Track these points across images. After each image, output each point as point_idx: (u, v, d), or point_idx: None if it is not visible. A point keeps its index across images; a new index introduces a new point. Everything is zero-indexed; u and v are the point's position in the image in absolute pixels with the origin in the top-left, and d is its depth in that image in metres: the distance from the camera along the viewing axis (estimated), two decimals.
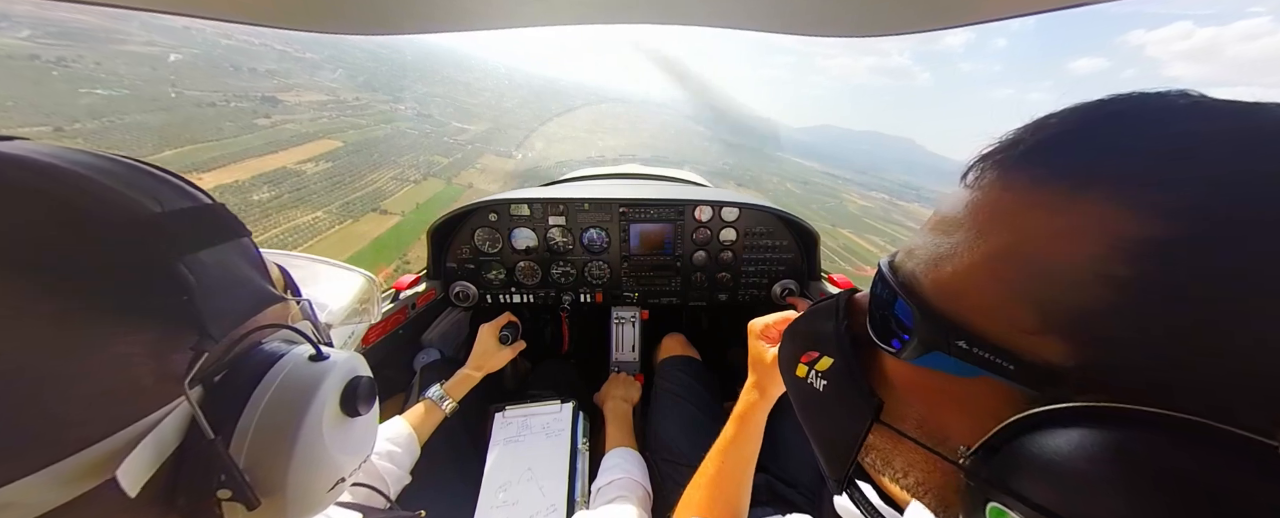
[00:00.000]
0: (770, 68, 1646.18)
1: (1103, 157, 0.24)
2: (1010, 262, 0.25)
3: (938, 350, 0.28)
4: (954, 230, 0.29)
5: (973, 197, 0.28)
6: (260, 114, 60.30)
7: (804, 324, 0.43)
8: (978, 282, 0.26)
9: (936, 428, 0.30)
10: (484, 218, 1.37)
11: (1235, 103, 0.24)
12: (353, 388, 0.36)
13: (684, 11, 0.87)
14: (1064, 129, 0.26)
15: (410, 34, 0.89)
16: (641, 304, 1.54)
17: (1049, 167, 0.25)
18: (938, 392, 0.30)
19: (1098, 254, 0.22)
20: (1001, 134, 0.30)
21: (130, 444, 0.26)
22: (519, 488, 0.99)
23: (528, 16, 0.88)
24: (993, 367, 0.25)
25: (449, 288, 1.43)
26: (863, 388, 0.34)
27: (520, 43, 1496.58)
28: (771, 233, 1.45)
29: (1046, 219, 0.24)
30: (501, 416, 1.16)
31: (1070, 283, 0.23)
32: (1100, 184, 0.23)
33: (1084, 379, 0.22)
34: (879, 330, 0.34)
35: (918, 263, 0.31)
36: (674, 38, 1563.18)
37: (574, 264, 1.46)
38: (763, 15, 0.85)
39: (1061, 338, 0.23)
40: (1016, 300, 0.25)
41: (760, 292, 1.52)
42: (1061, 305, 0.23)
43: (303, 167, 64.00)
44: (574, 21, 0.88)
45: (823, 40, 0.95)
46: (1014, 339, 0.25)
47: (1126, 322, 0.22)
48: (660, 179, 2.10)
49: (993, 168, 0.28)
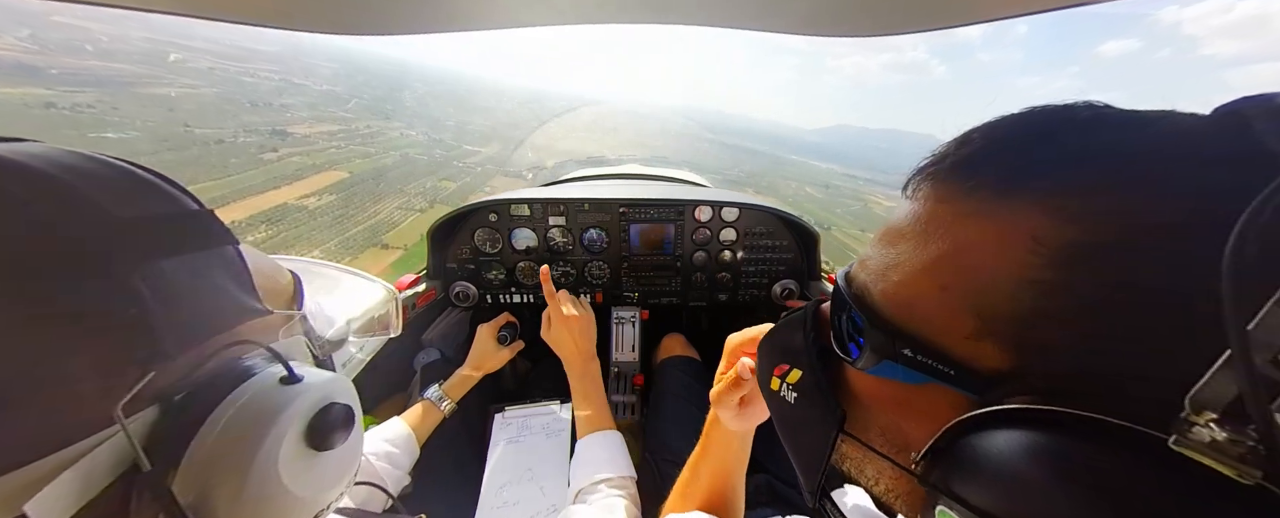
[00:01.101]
0: (778, 69, 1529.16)
1: (1023, 165, 0.25)
2: (948, 269, 0.26)
3: (888, 359, 0.29)
4: (899, 241, 0.30)
5: (913, 208, 0.29)
6: (268, 148, 59.17)
7: (777, 337, 0.44)
8: (921, 290, 0.27)
9: (897, 435, 0.31)
10: (484, 218, 1.37)
11: (1135, 113, 0.25)
12: (323, 417, 0.32)
13: (684, 11, 0.87)
14: (988, 141, 0.28)
15: (410, 34, 0.89)
16: (641, 304, 1.53)
17: (976, 177, 0.27)
18: (894, 400, 0.30)
19: (1022, 260, 0.23)
20: (934, 149, 0.31)
21: (55, 473, 0.23)
22: (519, 488, 0.99)
23: (528, 16, 0.87)
24: (937, 373, 0.26)
25: (449, 288, 1.43)
26: (828, 400, 0.35)
27: (531, 59, 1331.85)
28: (772, 233, 1.45)
29: (977, 227, 0.26)
30: (501, 416, 1.16)
31: (1001, 289, 0.24)
32: (1020, 190, 0.25)
33: (1019, 382, 0.23)
34: (838, 341, 0.35)
35: (869, 274, 0.32)
36: (680, 44, 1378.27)
37: (574, 264, 1.46)
38: (763, 15, 0.85)
39: (996, 342, 0.24)
40: (957, 307, 0.26)
41: (760, 292, 1.52)
42: (995, 311, 0.24)
43: (305, 201, 63.29)
44: (574, 21, 0.88)
45: (830, 39, 0.94)
46: (956, 345, 0.26)
47: (1050, 324, 0.22)
48: (660, 179, 2.10)
49: (927, 180, 0.29)
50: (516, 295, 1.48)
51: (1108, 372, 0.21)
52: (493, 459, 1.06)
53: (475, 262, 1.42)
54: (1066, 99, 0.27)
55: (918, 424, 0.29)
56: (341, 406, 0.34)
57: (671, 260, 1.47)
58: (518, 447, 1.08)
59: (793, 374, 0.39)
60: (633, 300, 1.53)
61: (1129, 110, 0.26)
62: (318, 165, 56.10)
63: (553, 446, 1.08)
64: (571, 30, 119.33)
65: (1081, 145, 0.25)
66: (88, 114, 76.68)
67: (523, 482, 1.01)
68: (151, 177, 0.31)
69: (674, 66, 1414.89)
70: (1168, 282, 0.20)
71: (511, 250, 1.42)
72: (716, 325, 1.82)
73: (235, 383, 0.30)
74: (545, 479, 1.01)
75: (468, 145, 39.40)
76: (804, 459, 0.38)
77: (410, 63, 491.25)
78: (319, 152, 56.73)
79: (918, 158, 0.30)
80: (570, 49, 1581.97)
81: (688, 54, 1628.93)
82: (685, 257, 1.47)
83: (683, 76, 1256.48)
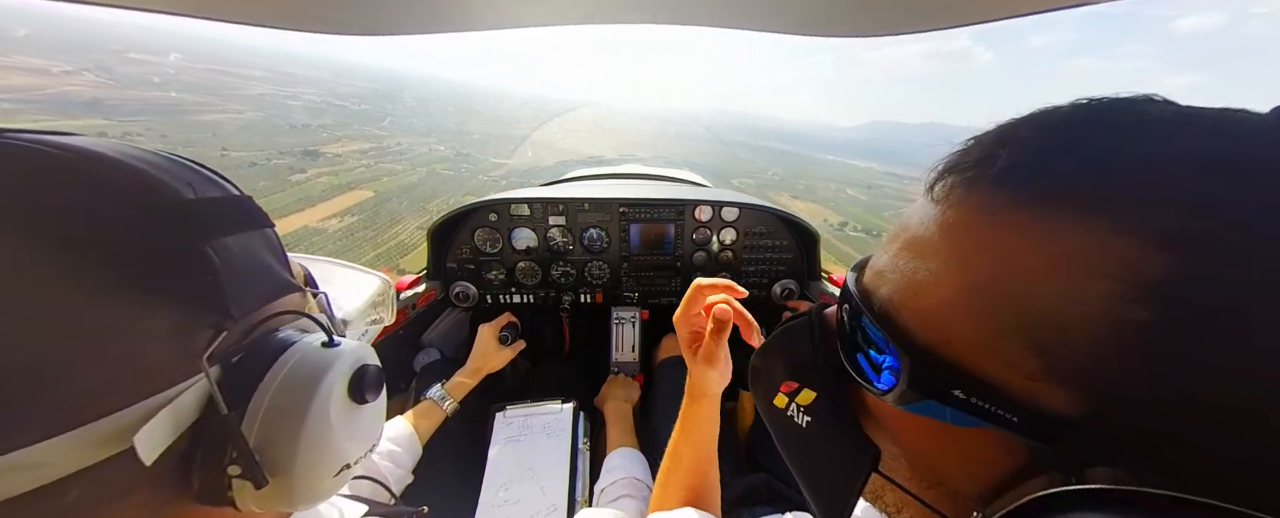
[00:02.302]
0: (807, 67, 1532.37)
1: (1100, 178, 0.21)
2: (999, 296, 0.23)
3: (931, 399, 0.25)
4: (929, 254, 0.26)
5: (945, 216, 0.26)
6: (297, 169, 58.71)
7: (779, 345, 0.39)
8: (966, 317, 0.24)
9: (929, 470, 0.28)
10: (484, 218, 1.37)
11: (1206, 114, 0.22)
12: (361, 375, 0.37)
13: (684, 12, 0.87)
14: (1043, 142, 0.24)
15: (411, 34, 0.89)
16: (641, 304, 1.54)
17: (1030, 186, 0.23)
18: (931, 437, 0.27)
19: (1104, 292, 0.20)
20: (961, 143, 0.27)
21: (151, 415, 0.27)
22: (520, 488, 0.99)
23: (528, 16, 0.87)
24: (995, 418, 0.22)
25: (449, 288, 1.43)
26: (857, 437, 0.31)
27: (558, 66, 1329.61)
28: (771, 233, 1.45)
29: (1035, 247, 0.22)
30: (502, 415, 1.16)
31: (1072, 325, 0.20)
32: (1102, 210, 0.21)
33: (1095, 434, 0.20)
34: (853, 361, 0.30)
35: (892, 289, 0.28)
36: (702, 47, 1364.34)
37: (574, 264, 1.46)
38: (763, 15, 0.85)
39: (1066, 386, 0.21)
40: (1012, 340, 0.22)
41: (760, 292, 1.52)
42: (1063, 349, 0.20)
43: (327, 223, 62.18)
44: (575, 22, 0.88)
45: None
46: (1014, 385, 0.22)
47: (1143, 376, 0.19)
48: (660, 179, 2.10)
49: (962, 184, 0.25)
50: (517, 295, 1.48)
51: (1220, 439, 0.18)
52: (493, 458, 1.06)
53: (475, 262, 1.42)
54: (1129, 89, 0.23)
55: (957, 463, 0.26)
56: (375, 366, 0.39)
57: (671, 260, 1.47)
58: (518, 446, 1.09)
59: (804, 395, 0.34)
60: (633, 300, 1.53)
61: (1194, 109, 0.22)
62: (344, 185, 55.42)
63: (553, 445, 1.08)
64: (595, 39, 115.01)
65: (1150, 148, 0.21)
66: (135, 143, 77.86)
67: (523, 481, 1.01)
68: (199, 167, 0.35)
69: (699, 70, 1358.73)
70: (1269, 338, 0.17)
71: (511, 250, 1.42)
72: None
73: (284, 347, 0.34)
74: (545, 479, 1.01)
75: (494, 159, 38.93)
76: (821, 494, 0.35)
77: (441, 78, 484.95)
78: (347, 171, 56.04)
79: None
80: (594, 58, 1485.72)
81: (713, 57, 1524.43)
82: (685, 256, 1.47)
83: (709, 80, 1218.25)
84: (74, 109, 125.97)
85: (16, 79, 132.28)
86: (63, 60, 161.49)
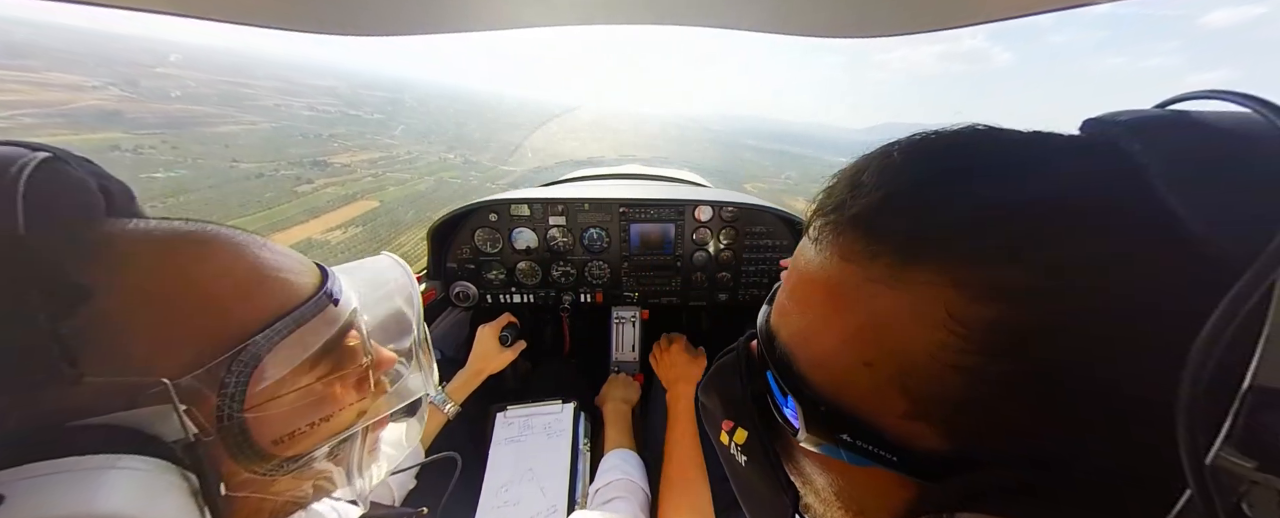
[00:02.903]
0: (820, 69, 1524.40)
1: (919, 226, 0.23)
2: (870, 344, 0.24)
3: (827, 442, 0.26)
4: (813, 300, 0.27)
5: (820, 260, 0.27)
6: (303, 180, 58.12)
7: (715, 382, 0.40)
8: (846, 364, 0.25)
9: (852, 501, 0.29)
10: (484, 218, 1.37)
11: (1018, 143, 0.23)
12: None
13: (684, 13, 0.87)
14: (881, 191, 0.24)
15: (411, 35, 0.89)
16: (642, 304, 1.54)
17: (874, 236, 0.24)
18: (843, 472, 0.28)
19: (942, 341, 0.21)
20: (828, 181, 0.28)
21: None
22: (520, 488, 0.99)
23: (528, 17, 0.87)
24: (878, 458, 0.24)
25: (449, 288, 1.43)
26: (779, 477, 0.32)
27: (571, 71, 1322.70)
28: (772, 233, 1.45)
29: (887, 296, 0.23)
30: (503, 415, 1.16)
31: (926, 370, 0.22)
32: (922, 260, 0.22)
33: (965, 470, 0.21)
34: (774, 404, 0.31)
35: (790, 333, 0.29)
36: (710, 50, 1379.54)
37: (574, 264, 1.46)
38: (764, 17, 0.85)
39: (930, 425, 0.22)
40: (886, 385, 0.23)
41: (760, 292, 1.52)
42: (924, 392, 0.22)
43: (329, 235, 61.32)
44: (575, 22, 0.88)
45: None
46: (892, 427, 0.23)
47: (984, 413, 0.21)
48: (660, 179, 2.10)
49: (828, 230, 0.26)
50: (517, 295, 1.48)
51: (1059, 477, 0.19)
52: (493, 459, 1.06)
53: (475, 262, 1.42)
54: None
55: (871, 496, 0.27)
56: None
57: (671, 260, 1.47)
58: (519, 446, 1.09)
59: (739, 433, 0.35)
60: (633, 300, 1.53)
61: (1012, 138, 0.24)
62: (351, 195, 54.74)
63: (554, 445, 1.08)
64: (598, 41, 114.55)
65: (973, 198, 0.22)
66: (146, 155, 76.69)
67: (523, 481, 1.01)
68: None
69: (702, 72, 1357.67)
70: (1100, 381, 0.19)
71: (512, 250, 1.42)
72: (717, 325, 1.82)
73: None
74: (546, 479, 1.01)
75: (503, 166, 38.42)
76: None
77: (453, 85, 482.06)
78: (355, 181, 55.25)
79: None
80: (596, 60, 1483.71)
81: (715, 57, 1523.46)
82: (685, 256, 1.47)
83: (713, 82, 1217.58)
84: (93, 123, 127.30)
85: (47, 95, 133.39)
86: (93, 76, 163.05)
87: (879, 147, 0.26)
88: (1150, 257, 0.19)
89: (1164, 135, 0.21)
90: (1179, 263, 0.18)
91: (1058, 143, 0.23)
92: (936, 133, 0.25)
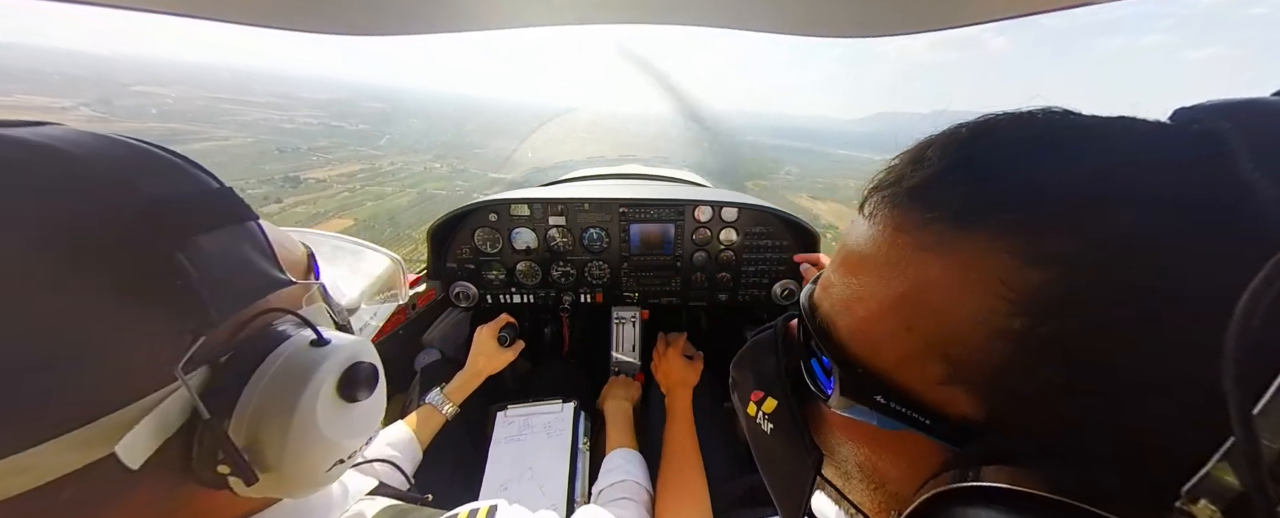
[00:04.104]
0: (819, 62, 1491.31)
1: (979, 195, 0.23)
2: (913, 309, 0.24)
3: (860, 404, 0.27)
4: (860, 270, 0.28)
5: (872, 233, 0.27)
6: (272, 199, 57.35)
7: (750, 358, 0.41)
8: (888, 330, 0.25)
9: (875, 473, 0.29)
10: (484, 218, 1.37)
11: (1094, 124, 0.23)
12: (351, 374, 0.37)
13: (682, 12, 0.87)
14: (943, 163, 0.25)
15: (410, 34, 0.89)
16: (642, 304, 1.54)
17: (930, 204, 0.24)
18: (871, 441, 0.29)
19: (989, 305, 0.21)
20: (890, 162, 0.28)
21: (135, 419, 0.27)
22: (519, 488, 0.99)
23: (528, 16, 0.88)
24: (911, 421, 0.24)
25: (449, 288, 1.44)
26: (804, 439, 0.33)
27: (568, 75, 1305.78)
28: (772, 233, 1.45)
29: (937, 264, 0.23)
30: (503, 415, 1.16)
31: (968, 336, 0.22)
32: (978, 226, 0.22)
33: (998, 436, 0.22)
34: (809, 371, 0.32)
35: (833, 303, 0.29)
36: (703, 47, 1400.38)
37: (574, 264, 1.46)
38: (763, 16, 0.85)
39: (967, 391, 0.22)
40: (924, 351, 0.24)
41: (761, 292, 1.52)
42: (964, 357, 0.22)
43: None
44: (574, 22, 0.88)
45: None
46: (928, 392, 0.24)
47: (1024, 378, 0.20)
48: (660, 179, 2.10)
49: (884, 203, 0.27)
50: (517, 295, 1.48)
51: (1092, 441, 0.19)
52: (493, 458, 1.06)
53: (475, 262, 1.42)
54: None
55: (896, 466, 0.27)
56: (367, 364, 0.39)
57: (671, 260, 1.47)
58: (518, 446, 1.09)
59: (768, 403, 0.36)
60: (633, 300, 1.53)
61: (1087, 120, 0.24)
62: (323, 214, 53.45)
63: (553, 445, 1.08)
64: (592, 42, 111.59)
65: (1037, 170, 0.22)
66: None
67: (523, 481, 1.01)
68: (173, 157, 0.34)
69: (696, 70, 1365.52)
70: (1151, 345, 0.18)
71: (511, 250, 1.42)
72: (716, 325, 1.82)
73: (272, 346, 0.34)
74: (545, 479, 1.01)
75: (492, 174, 37.56)
76: (782, 497, 0.37)
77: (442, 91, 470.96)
78: (330, 197, 53.88)
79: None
80: (590, 61, 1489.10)
81: (707, 52, 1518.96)
82: (685, 257, 1.47)
83: (706, 80, 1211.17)
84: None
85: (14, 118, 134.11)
86: (64, 97, 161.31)
87: (948, 127, 0.26)
88: (1217, 233, 0.18)
89: (1259, 117, 0.20)
90: (1246, 244, 0.17)
91: (1140, 125, 0.23)
92: (1008, 113, 0.25)
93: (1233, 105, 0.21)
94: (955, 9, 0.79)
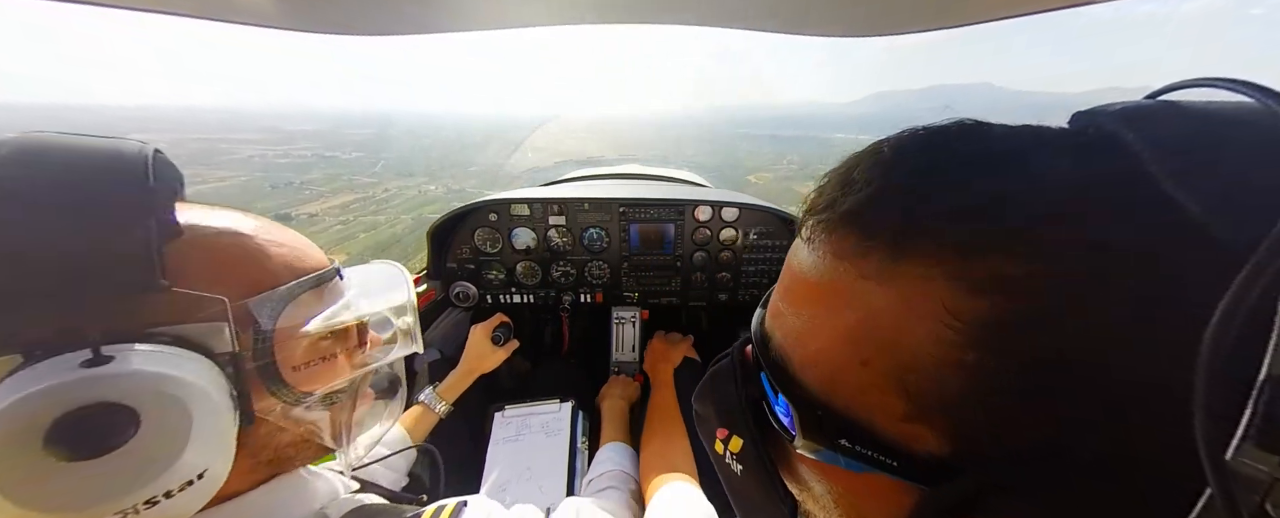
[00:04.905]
0: (807, 49, 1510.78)
1: (911, 219, 0.22)
2: (866, 342, 0.23)
3: (826, 448, 0.25)
4: (808, 300, 0.26)
5: (814, 260, 0.26)
6: None
7: (709, 389, 0.38)
8: (842, 365, 0.24)
9: (855, 510, 0.28)
10: (484, 218, 1.38)
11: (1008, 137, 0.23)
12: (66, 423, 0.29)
13: (681, 11, 0.87)
14: (872, 185, 0.24)
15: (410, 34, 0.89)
16: (641, 304, 1.54)
17: (867, 231, 0.23)
18: (843, 481, 0.27)
19: (939, 336, 0.20)
20: (816, 181, 0.27)
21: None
22: (518, 487, 0.99)
23: (527, 16, 0.88)
24: (878, 464, 0.23)
25: (449, 288, 1.44)
26: (776, 487, 0.31)
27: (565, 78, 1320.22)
28: (772, 233, 1.45)
29: (880, 293, 0.22)
30: (501, 415, 1.16)
31: (924, 368, 0.21)
32: (915, 253, 0.21)
33: (966, 472, 0.21)
34: (770, 410, 0.30)
35: (784, 336, 0.28)
36: (684, 44, 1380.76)
37: (574, 264, 1.46)
38: (758, 15, 0.85)
39: (930, 427, 0.21)
40: (884, 385, 0.23)
41: (761, 292, 1.51)
42: (922, 389, 0.21)
43: None
44: (573, 21, 0.88)
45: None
46: (891, 428, 0.23)
47: (985, 411, 0.20)
48: (660, 179, 2.10)
49: (820, 229, 0.26)
50: (517, 295, 1.48)
51: (1058, 479, 0.19)
52: (492, 458, 1.06)
53: (475, 262, 1.42)
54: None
55: (874, 506, 0.26)
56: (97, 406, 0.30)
57: (671, 260, 1.47)
58: (517, 446, 1.09)
59: (734, 442, 0.34)
60: (633, 300, 1.53)
61: (1000, 132, 0.24)
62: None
63: (552, 444, 1.08)
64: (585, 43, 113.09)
65: (965, 188, 0.22)
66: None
67: (522, 480, 1.01)
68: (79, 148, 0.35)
69: (682, 69, 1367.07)
70: (1103, 374, 0.18)
71: (511, 250, 1.42)
72: (716, 325, 1.82)
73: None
74: (544, 478, 1.01)
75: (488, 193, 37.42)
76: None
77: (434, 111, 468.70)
78: (322, 232, 53.02)
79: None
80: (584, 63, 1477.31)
81: (690, 47, 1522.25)
82: (685, 256, 1.47)
83: (693, 77, 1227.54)
84: None
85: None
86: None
87: (869, 144, 0.26)
88: (1150, 244, 0.18)
89: (1158, 123, 0.21)
90: (1180, 251, 0.18)
91: (1049, 134, 0.23)
92: (925, 128, 0.25)
93: (1129, 111, 0.21)
94: (955, 9, 0.79)
